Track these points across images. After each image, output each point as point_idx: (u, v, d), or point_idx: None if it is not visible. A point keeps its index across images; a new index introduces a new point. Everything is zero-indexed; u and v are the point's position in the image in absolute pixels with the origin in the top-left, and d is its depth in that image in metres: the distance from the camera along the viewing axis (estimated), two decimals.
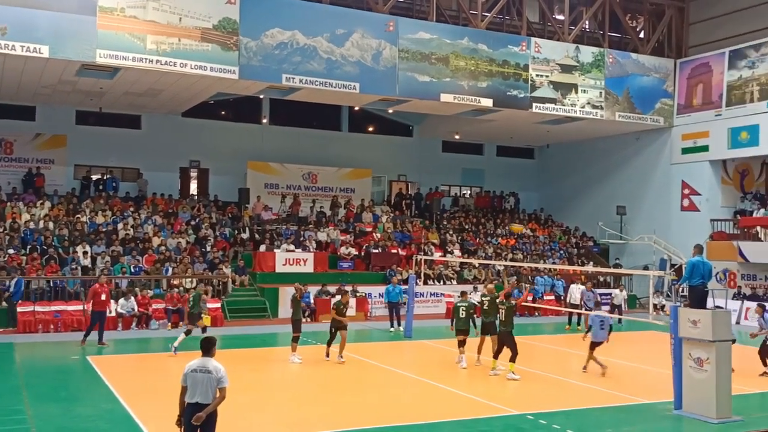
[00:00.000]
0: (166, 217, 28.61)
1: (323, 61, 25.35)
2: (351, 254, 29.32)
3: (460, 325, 17.12)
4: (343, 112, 35.24)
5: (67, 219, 26.70)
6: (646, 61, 31.71)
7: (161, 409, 11.50)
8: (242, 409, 12.20)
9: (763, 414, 13.06)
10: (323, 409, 12.90)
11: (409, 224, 32.96)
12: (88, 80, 24.74)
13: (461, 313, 17.07)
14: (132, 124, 31.07)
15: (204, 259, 26.22)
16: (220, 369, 8.30)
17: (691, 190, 31.61)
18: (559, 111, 29.59)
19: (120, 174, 30.94)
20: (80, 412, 12.25)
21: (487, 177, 38.91)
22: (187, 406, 8.24)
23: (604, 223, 33.74)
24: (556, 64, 29.50)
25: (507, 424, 11.91)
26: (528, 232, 35.06)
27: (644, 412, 13.06)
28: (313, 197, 33.04)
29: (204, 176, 32.78)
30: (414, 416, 12.31)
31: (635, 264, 32.21)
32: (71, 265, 23.83)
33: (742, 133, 29.54)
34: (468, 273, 30.18)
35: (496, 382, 15.37)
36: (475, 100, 27.90)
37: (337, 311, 17.40)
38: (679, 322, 12.81)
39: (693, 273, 13.24)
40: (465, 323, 17.11)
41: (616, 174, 34.93)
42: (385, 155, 36.11)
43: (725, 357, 12.48)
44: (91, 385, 14.42)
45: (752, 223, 29.56)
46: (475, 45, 27.89)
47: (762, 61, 29.03)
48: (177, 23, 22.99)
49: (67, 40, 21.55)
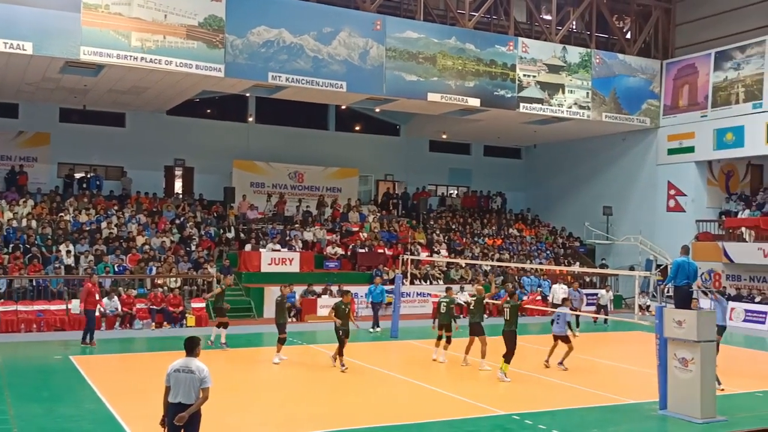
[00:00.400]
0: (150, 216, 28.41)
1: (310, 60, 25.23)
2: (337, 254, 29.23)
3: (441, 320, 17.52)
4: (330, 111, 35.13)
5: (50, 217, 26.45)
6: (632, 61, 31.81)
7: (145, 409, 11.39)
8: (227, 410, 12.10)
9: (747, 414, 13.08)
10: (309, 409, 12.82)
11: (396, 224, 32.91)
12: (72, 77, 24.52)
13: (442, 308, 17.53)
14: (116, 121, 30.84)
15: (189, 259, 26.05)
16: (203, 369, 8.22)
17: (677, 191, 31.73)
18: (546, 111, 29.62)
19: (104, 172, 30.73)
20: (63, 412, 12.12)
21: (474, 177, 38.93)
22: (170, 406, 8.16)
23: (591, 223, 33.82)
24: (544, 64, 29.53)
25: (493, 425, 11.87)
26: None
27: (630, 412, 13.07)
28: (300, 196, 32.89)
29: (189, 175, 32.59)
30: (400, 416, 12.25)
31: (621, 264, 32.30)
32: (54, 264, 23.61)
33: (727, 134, 29.68)
34: (455, 273, 30.15)
35: (482, 383, 15.34)
36: (462, 100, 27.87)
37: (338, 313, 16.36)
38: (665, 322, 12.83)
39: (678, 273, 13.27)
40: (445, 318, 17.43)
41: (602, 174, 35.03)
42: (372, 154, 36.04)
43: (710, 357, 12.51)
44: (74, 385, 14.28)
45: (737, 224, 29.70)
46: (463, 44, 27.87)
47: (747, 62, 29.18)
48: (162, 20, 22.82)
49: (51, 37, 21.34)
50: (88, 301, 19.03)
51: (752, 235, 29.00)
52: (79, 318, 21.97)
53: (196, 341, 8.54)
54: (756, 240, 28.71)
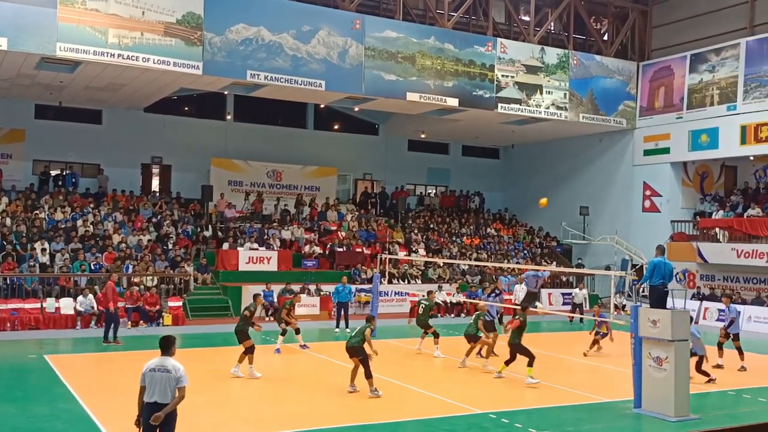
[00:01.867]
0: (126, 213, 28.20)
1: (289, 58, 25.18)
2: (315, 253, 29.20)
3: (419, 319, 18.99)
4: (309, 110, 35.06)
5: (25, 215, 26.17)
6: (609, 63, 32.07)
7: (120, 408, 11.31)
8: (202, 408, 12.05)
9: (719, 412, 13.26)
10: (285, 408, 12.80)
11: (374, 223, 32.93)
12: (47, 74, 24.26)
13: (420, 309, 18.98)
14: (93, 118, 30.56)
15: (165, 257, 25.89)
16: (179, 368, 8.18)
17: (653, 192, 32.04)
18: (524, 111, 29.78)
19: (80, 170, 30.46)
20: (37, 411, 12.00)
21: (452, 176, 39.05)
22: (146, 405, 8.13)
23: (568, 223, 34.04)
24: (522, 64, 29.68)
25: (470, 423, 11.92)
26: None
27: (605, 411, 13.19)
28: (278, 195, 32.80)
29: (166, 173, 32.36)
30: (377, 415, 12.27)
31: (597, 264, 32.55)
32: (29, 262, 23.37)
33: (702, 135, 30.02)
34: (432, 272, 30.23)
35: (459, 382, 15.40)
36: (441, 100, 27.95)
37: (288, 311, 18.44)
38: (640, 321, 12.96)
39: (654, 273, 13.40)
40: (421, 318, 18.89)
41: (579, 175, 35.29)
42: (351, 153, 36.02)
43: (684, 356, 12.66)
44: (49, 385, 14.14)
45: (711, 224, 30.05)
46: (442, 44, 27.94)
47: (722, 65, 29.53)
48: (140, 17, 22.65)
49: (27, 33, 21.10)
50: (115, 300, 19.46)
51: (726, 235, 29.36)
52: (53, 316, 21.91)
53: (171, 340, 8.50)
54: (729, 240, 29.06)
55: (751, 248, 27.86)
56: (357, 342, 13.65)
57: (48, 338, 19.35)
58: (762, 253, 27.33)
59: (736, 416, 12.76)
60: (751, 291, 28.81)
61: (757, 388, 15.37)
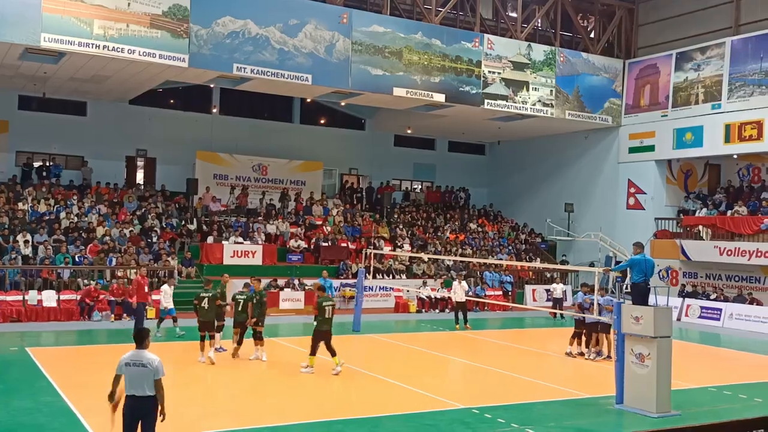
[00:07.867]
0: (110, 206, 28.03)
1: (275, 52, 25.08)
2: (300, 247, 29.14)
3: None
4: (295, 104, 34.96)
5: (7, 207, 25.94)
6: (596, 60, 32.17)
7: (102, 401, 11.22)
8: (185, 401, 12.02)
9: (700, 408, 13.36)
10: (266, 401, 12.81)
11: (360, 218, 32.91)
12: (31, 64, 24.03)
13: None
14: (77, 110, 30.33)
15: (150, 250, 25.77)
16: (154, 360, 8.27)
17: (637, 189, 32.20)
18: (510, 108, 29.84)
19: (63, 162, 30.23)
20: (18, 405, 11.92)
21: (438, 172, 39.08)
22: (126, 398, 8.24)
23: (552, 220, 34.17)
24: (509, 61, 29.72)
25: (452, 419, 11.95)
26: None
27: (587, 407, 13.27)
28: (263, 189, 32.69)
29: (151, 165, 32.19)
30: (359, 410, 12.29)
31: (582, 261, 32.69)
32: (11, 254, 23.19)
33: (686, 134, 30.18)
34: (417, 267, 30.26)
35: (442, 377, 15.43)
36: (427, 95, 27.94)
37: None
38: (622, 318, 13.04)
39: (635, 270, 13.49)
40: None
41: (565, 172, 35.41)
42: (337, 148, 35.95)
43: (666, 353, 12.75)
44: (30, 378, 14.05)
45: (694, 222, 30.26)
46: (429, 40, 27.93)
47: (707, 63, 29.69)
48: (125, 8, 22.47)
49: (10, 23, 20.88)
50: (140, 294, 19.45)
51: (709, 233, 29.59)
52: (35, 309, 21.75)
53: (144, 333, 8.59)
54: (712, 238, 29.28)
55: (734, 246, 28.11)
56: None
57: (30, 331, 19.19)
58: (744, 250, 27.57)
59: (717, 412, 12.86)
60: (733, 288, 29.03)
61: (737, 385, 15.53)
